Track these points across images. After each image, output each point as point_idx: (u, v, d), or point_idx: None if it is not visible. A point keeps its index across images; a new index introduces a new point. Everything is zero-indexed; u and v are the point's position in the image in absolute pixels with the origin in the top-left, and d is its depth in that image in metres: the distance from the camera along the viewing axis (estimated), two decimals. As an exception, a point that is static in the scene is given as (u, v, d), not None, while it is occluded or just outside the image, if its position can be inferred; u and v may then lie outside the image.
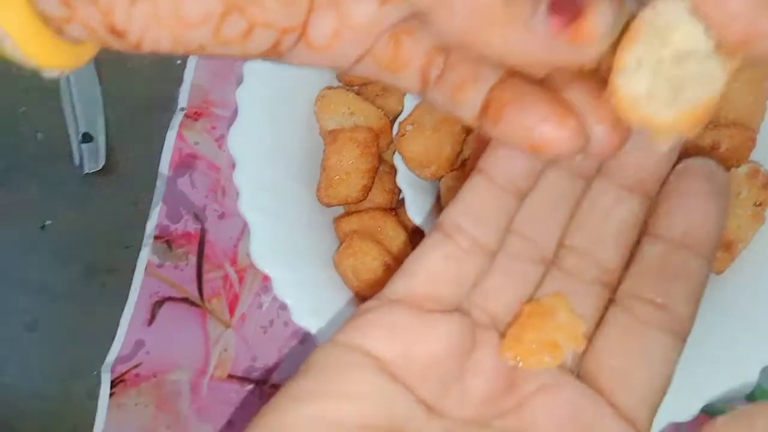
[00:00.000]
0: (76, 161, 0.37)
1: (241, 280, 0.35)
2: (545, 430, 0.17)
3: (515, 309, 0.19)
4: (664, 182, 0.19)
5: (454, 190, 0.23)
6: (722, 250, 0.26)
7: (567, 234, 0.19)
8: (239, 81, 0.29)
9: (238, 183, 0.27)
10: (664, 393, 0.18)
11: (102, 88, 0.38)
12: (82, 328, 0.35)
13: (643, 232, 0.19)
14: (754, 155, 0.27)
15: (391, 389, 0.17)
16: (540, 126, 0.14)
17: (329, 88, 0.31)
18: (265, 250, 0.27)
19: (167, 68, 0.39)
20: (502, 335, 0.18)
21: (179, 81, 0.38)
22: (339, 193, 0.29)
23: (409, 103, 0.30)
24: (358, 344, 0.17)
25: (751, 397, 0.27)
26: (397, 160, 0.29)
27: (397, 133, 0.29)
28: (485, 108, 0.15)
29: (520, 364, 0.18)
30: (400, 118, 0.30)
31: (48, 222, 0.37)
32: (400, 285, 0.18)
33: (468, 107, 0.16)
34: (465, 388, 0.18)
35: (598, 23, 0.13)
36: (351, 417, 0.16)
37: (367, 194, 0.30)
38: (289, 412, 0.16)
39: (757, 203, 0.26)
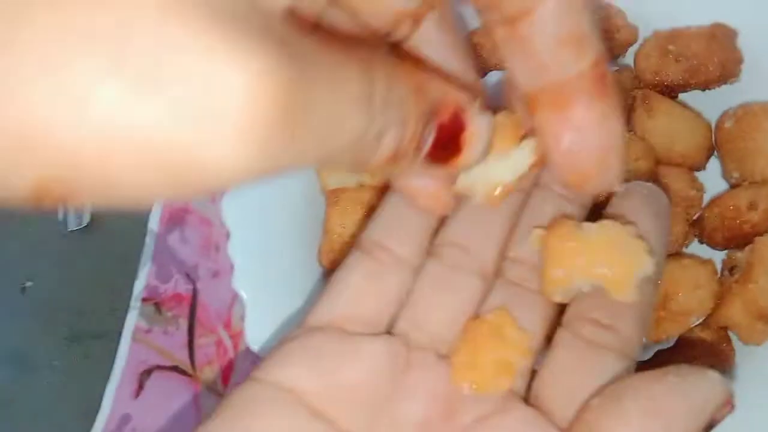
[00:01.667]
0: (59, 217, 0.35)
1: (235, 346, 0.32)
2: None
3: (456, 326, 0.18)
4: (606, 201, 0.19)
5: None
6: (762, 322, 0.24)
7: (509, 246, 0.19)
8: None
9: (232, 255, 0.25)
10: None
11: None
12: (63, 401, 0.32)
13: None
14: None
15: (310, 425, 0.16)
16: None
17: (330, 142, 0.29)
18: (263, 332, 0.24)
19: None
20: (445, 356, 0.18)
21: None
22: (342, 257, 0.27)
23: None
24: (276, 379, 0.16)
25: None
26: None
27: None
28: None
29: (475, 388, 0.17)
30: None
31: (28, 283, 0.34)
32: (321, 309, 0.18)
33: None
34: (397, 416, 0.17)
35: (470, 158, 0.16)
36: None
37: (373, 257, 0.28)
38: None
39: (801, 270, 0.24)
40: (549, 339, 0.18)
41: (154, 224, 0.34)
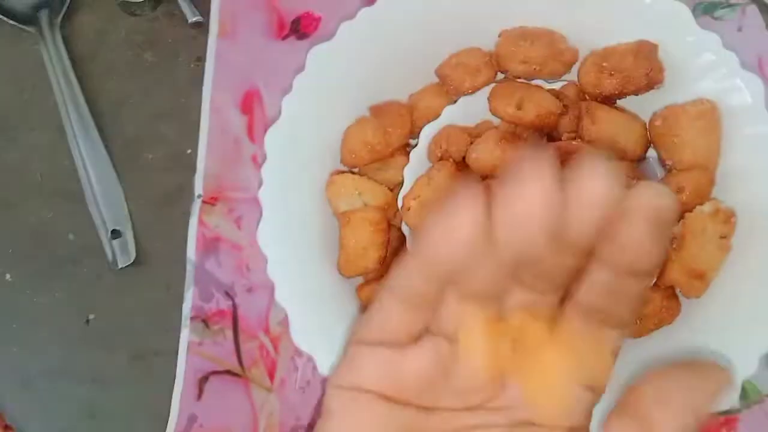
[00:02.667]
0: (109, 257, 0.40)
1: (275, 347, 0.39)
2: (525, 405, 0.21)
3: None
4: None
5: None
6: (697, 279, 0.31)
7: None
8: (260, 183, 0.33)
9: (272, 276, 0.31)
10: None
11: (122, 186, 0.42)
12: (136, 410, 0.38)
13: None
14: (714, 192, 0.32)
15: (392, 413, 0.20)
16: None
17: (336, 173, 0.35)
18: (305, 334, 0.31)
19: (179, 159, 0.43)
20: None
21: (191, 169, 0.42)
22: (358, 267, 0.34)
23: (408, 174, 0.34)
24: (358, 384, 0.21)
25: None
26: (406, 228, 0.34)
27: (402, 207, 0.34)
28: None
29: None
30: (403, 191, 0.34)
31: (91, 316, 0.40)
32: (369, 332, 0.21)
33: None
34: (452, 388, 0.21)
35: None
36: None
37: (383, 263, 0.34)
38: None
39: (722, 236, 0.30)
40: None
41: (191, 254, 0.40)
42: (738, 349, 0.30)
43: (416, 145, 0.35)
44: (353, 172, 0.35)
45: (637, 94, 0.34)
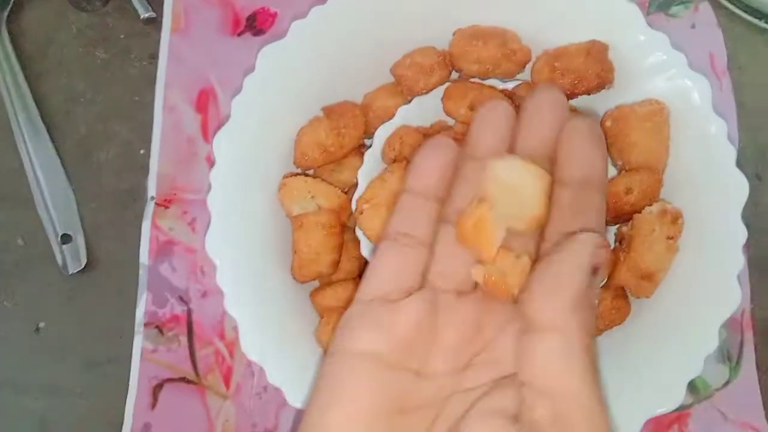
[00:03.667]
0: (59, 262, 0.40)
1: (231, 353, 0.39)
2: (511, 359, 0.23)
3: (468, 268, 0.24)
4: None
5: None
6: (646, 280, 0.32)
7: None
8: (208, 188, 0.33)
9: (221, 284, 0.31)
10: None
11: (73, 188, 0.42)
12: (90, 420, 0.39)
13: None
14: (663, 193, 0.33)
15: (388, 376, 0.22)
16: None
17: (289, 175, 0.35)
18: (255, 343, 0.31)
19: (131, 159, 0.43)
20: (463, 292, 0.24)
21: (144, 170, 0.42)
22: (311, 271, 0.34)
23: (362, 176, 0.35)
24: (352, 348, 0.22)
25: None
26: (359, 232, 0.34)
27: (356, 210, 0.34)
28: None
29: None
30: (357, 194, 0.34)
31: (41, 324, 0.40)
32: (368, 287, 0.24)
33: None
34: (441, 345, 0.23)
35: None
36: (364, 412, 0.22)
37: (337, 267, 0.35)
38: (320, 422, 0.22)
39: (669, 237, 0.31)
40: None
41: (144, 258, 0.40)
42: (685, 349, 0.31)
43: (371, 146, 0.36)
44: (307, 174, 0.36)
45: (588, 94, 0.35)
